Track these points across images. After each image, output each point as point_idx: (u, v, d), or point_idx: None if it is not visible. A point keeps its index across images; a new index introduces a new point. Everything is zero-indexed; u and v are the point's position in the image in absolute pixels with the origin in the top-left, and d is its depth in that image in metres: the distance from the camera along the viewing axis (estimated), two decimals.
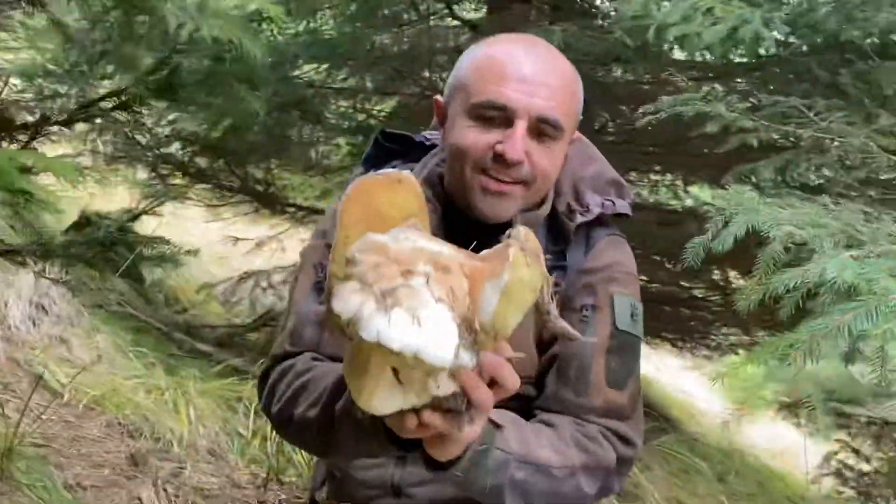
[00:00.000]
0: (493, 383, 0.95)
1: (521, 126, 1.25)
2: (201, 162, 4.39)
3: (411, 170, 1.43)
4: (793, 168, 2.17)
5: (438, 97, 1.39)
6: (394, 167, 1.52)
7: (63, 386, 2.84)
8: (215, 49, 3.05)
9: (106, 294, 4.21)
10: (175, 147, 4.20)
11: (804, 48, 3.55)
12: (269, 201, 4.54)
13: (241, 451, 2.94)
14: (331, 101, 4.61)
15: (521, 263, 0.85)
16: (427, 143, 1.54)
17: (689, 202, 5.61)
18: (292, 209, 4.70)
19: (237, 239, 4.81)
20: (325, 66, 4.45)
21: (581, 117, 1.38)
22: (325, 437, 1.21)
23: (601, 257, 1.40)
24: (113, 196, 4.46)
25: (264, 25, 4.66)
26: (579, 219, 1.40)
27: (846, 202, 1.58)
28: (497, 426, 1.16)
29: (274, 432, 2.94)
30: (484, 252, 0.92)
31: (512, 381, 0.96)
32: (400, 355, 0.79)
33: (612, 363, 1.34)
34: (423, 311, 0.80)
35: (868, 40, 3.39)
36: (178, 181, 4.52)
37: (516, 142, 1.24)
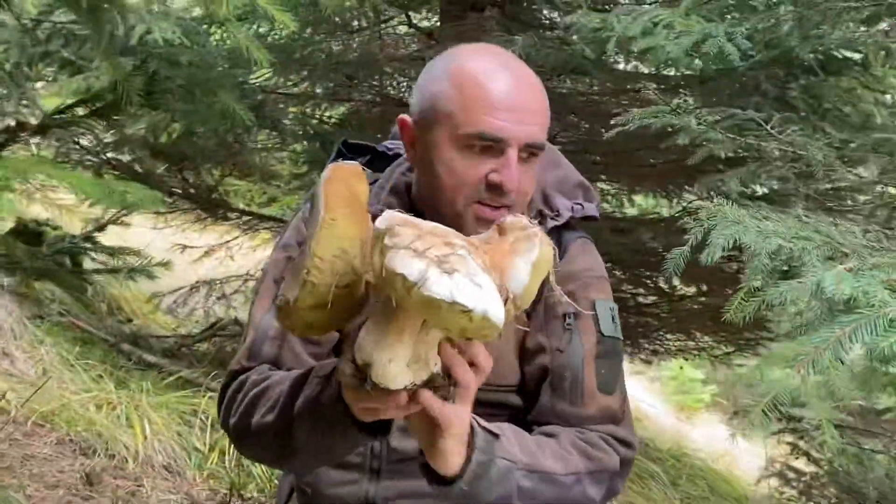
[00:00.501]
0: (470, 364, 0.99)
1: (513, 155, 1.25)
2: (150, 167, 4.27)
3: (376, 180, 1.45)
4: (756, 180, 2.22)
5: (405, 117, 1.35)
6: None
7: (9, 402, 2.71)
8: (172, 52, 2.98)
9: (47, 305, 4.06)
10: (122, 152, 4.07)
11: (752, 62, 3.69)
12: (219, 208, 4.44)
13: (199, 466, 2.86)
14: (280, 105, 4.55)
15: (546, 241, 0.92)
16: (390, 152, 1.53)
17: (632, 211, 5.76)
18: (245, 216, 4.60)
19: (185, 246, 4.68)
20: (276, 70, 4.39)
21: None
22: (283, 440, 1.19)
23: (576, 263, 1.42)
24: (55, 202, 4.30)
25: (213, 28, 4.60)
26: (551, 223, 1.41)
27: (814, 214, 1.63)
28: (495, 435, 1.15)
29: (233, 446, 2.88)
30: (474, 237, 0.96)
31: (485, 362, 1.00)
32: (471, 314, 0.81)
33: (601, 369, 1.35)
34: (478, 277, 0.83)
35: (812, 55, 3.55)
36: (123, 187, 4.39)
37: (512, 172, 1.25)
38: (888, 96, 3.84)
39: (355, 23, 4.96)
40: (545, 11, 4.12)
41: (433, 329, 0.91)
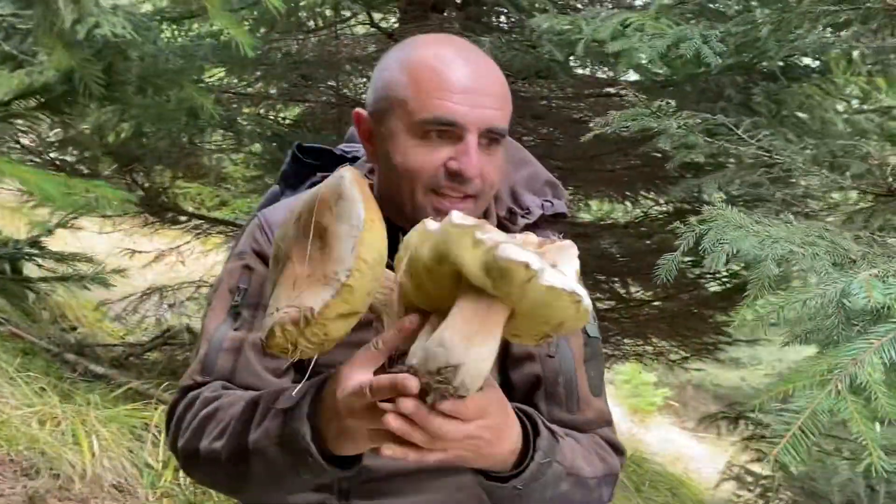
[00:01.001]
0: None
1: (472, 140, 1.18)
2: (96, 168, 4.07)
3: None
4: (730, 185, 2.19)
5: (360, 110, 1.29)
6: (314, 184, 1.42)
7: None
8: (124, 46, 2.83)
9: None
10: (67, 152, 3.87)
11: (719, 67, 3.70)
12: (169, 211, 4.26)
13: (153, 484, 2.71)
14: (234, 106, 4.41)
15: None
16: (348, 155, 1.47)
17: (587, 216, 5.77)
18: (196, 220, 4.43)
19: (134, 251, 4.48)
20: (230, 70, 4.25)
21: None
22: (234, 469, 1.12)
23: None
24: None
25: (164, 25, 4.43)
26: (522, 221, 1.37)
27: (800, 219, 1.59)
28: (556, 438, 1.14)
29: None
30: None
31: None
32: (580, 304, 0.83)
33: (590, 372, 1.34)
34: (567, 268, 0.86)
35: (776, 62, 3.58)
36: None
37: (472, 157, 1.18)
38: (844, 104, 3.91)
39: (311, 22, 4.86)
40: (509, 15, 4.05)
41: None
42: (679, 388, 11.09)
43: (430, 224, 0.89)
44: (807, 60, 3.72)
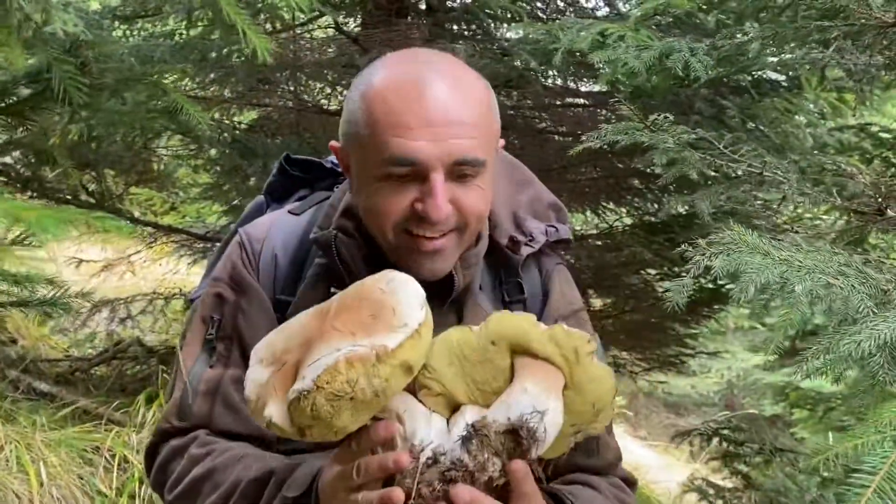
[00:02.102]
0: None
1: (437, 179, 1.09)
2: (38, 173, 3.84)
3: (327, 198, 1.34)
4: (718, 200, 2.15)
5: (334, 143, 1.24)
6: (301, 198, 1.43)
7: None
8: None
9: None
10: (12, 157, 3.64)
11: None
12: (123, 218, 4.05)
13: None
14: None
15: None
16: (338, 168, 1.39)
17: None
18: (147, 227, 4.23)
19: (81, 261, 4.26)
20: (189, 72, 4.07)
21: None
22: None
23: (565, 296, 1.36)
24: None
25: (117, 24, 4.22)
26: (525, 250, 1.32)
27: (811, 242, 1.54)
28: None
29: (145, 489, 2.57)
30: None
31: None
32: (615, 387, 1.05)
33: None
34: None
35: (748, 77, 3.58)
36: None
37: (437, 199, 1.10)
38: (810, 119, 3.93)
39: (268, 25, 4.71)
40: (478, 22, 3.97)
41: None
42: (631, 396, 11.17)
43: (472, 327, 0.99)
44: (773, 75, 3.75)
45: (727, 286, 4.03)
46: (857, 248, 2.03)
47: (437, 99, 1.09)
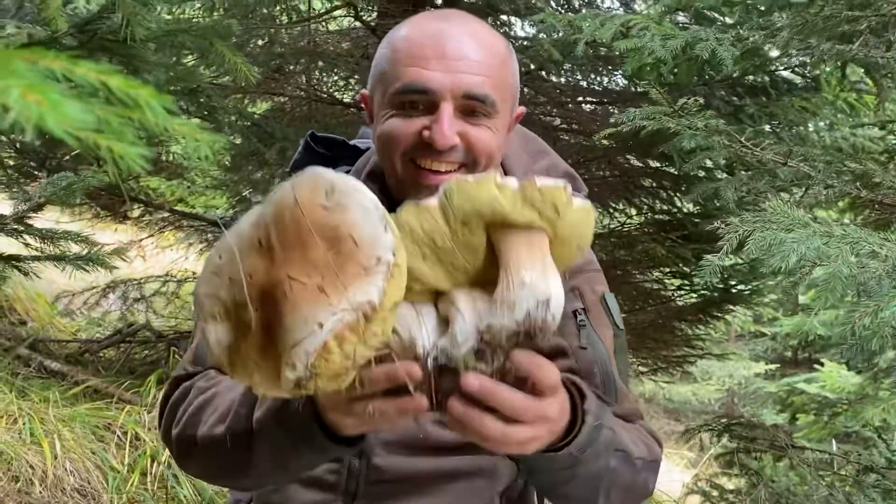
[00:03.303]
0: None
1: (446, 108, 1.12)
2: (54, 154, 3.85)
3: (348, 171, 1.31)
4: (740, 190, 2.15)
5: (365, 91, 1.26)
6: None
7: None
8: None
9: None
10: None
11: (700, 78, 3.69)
12: (137, 203, 4.06)
13: (118, 488, 2.52)
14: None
15: None
16: (361, 147, 1.42)
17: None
18: (159, 213, 4.23)
19: (94, 244, 4.25)
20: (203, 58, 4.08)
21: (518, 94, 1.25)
22: (235, 454, 1.06)
23: None
24: None
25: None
26: None
27: (846, 225, 1.54)
28: (605, 402, 1.06)
29: (168, 463, 2.57)
30: None
31: None
32: (594, 222, 0.92)
33: (620, 364, 1.27)
34: None
35: (764, 75, 3.59)
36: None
37: (443, 125, 1.11)
38: (829, 119, 3.94)
39: (284, 17, 4.73)
40: (498, 15, 3.98)
41: None
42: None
43: (423, 202, 0.84)
44: (786, 74, 3.76)
45: (737, 287, 3.99)
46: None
47: (455, 38, 1.13)
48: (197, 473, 1.24)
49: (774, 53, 2.37)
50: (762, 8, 2.44)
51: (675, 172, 3.91)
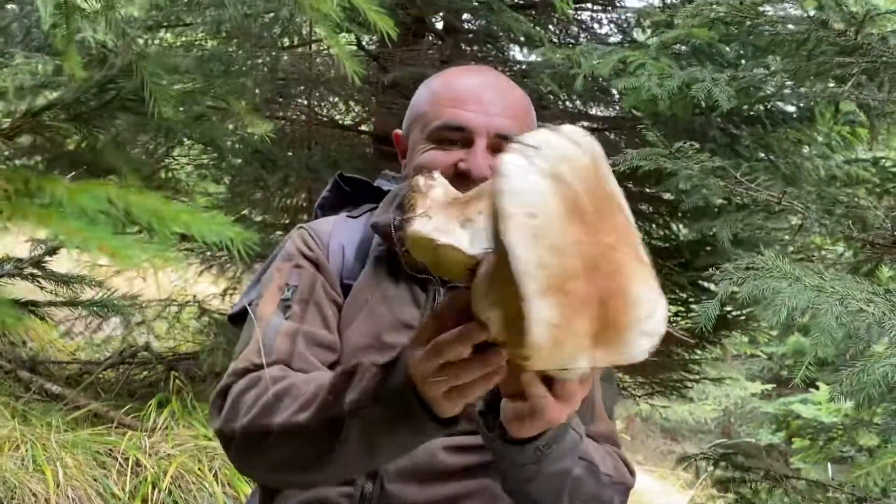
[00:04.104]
0: None
1: (480, 143, 1.28)
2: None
3: (375, 207, 1.44)
4: (735, 227, 2.20)
5: (398, 130, 1.43)
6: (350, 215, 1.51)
7: None
8: None
9: None
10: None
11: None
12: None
13: None
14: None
15: None
16: (385, 188, 1.51)
17: None
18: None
19: (95, 264, 4.28)
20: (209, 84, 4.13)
21: None
22: (319, 441, 1.06)
23: None
24: None
25: (139, 33, 4.28)
26: None
27: (834, 272, 1.58)
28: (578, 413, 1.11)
29: (169, 489, 2.59)
30: None
31: None
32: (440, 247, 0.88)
33: (604, 390, 1.37)
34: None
35: (760, 108, 3.64)
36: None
37: (478, 157, 1.27)
38: (816, 151, 3.99)
39: (286, 40, 4.78)
40: (499, 45, 4.04)
41: None
42: (628, 420, 11.17)
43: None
44: (781, 105, 3.81)
45: (735, 312, 4.02)
46: (869, 279, 2.08)
47: (489, 87, 1.32)
48: (265, 467, 1.20)
49: (770, 90, 2.42)
50: (751, 48, 2.50)
51: (672, 199, 3.96)
